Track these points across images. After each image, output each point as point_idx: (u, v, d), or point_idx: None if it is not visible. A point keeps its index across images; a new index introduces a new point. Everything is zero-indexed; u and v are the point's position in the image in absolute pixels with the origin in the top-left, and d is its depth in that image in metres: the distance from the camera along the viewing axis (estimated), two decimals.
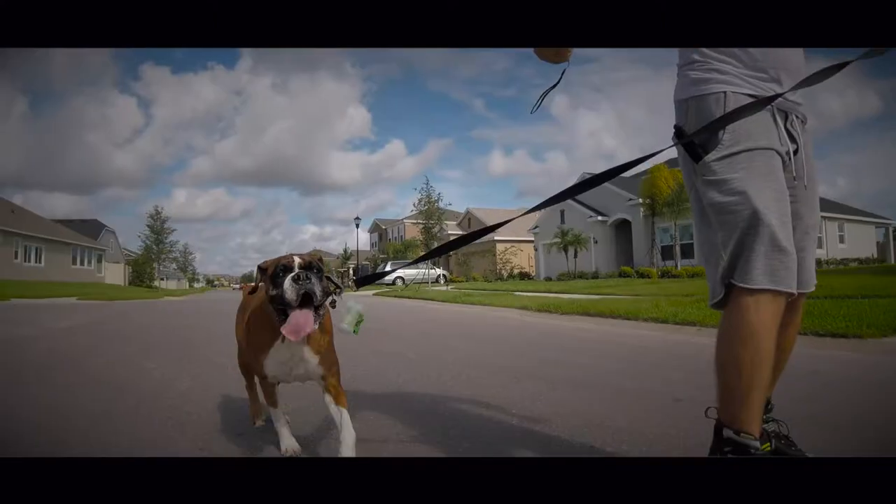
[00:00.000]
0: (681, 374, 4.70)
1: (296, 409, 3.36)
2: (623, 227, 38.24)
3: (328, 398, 2.44)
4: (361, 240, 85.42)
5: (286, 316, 2.15)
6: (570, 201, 40.94)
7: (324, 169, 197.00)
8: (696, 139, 2.01)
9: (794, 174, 2.08)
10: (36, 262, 48.50)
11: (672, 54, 2.25)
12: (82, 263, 56.46)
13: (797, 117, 2.12)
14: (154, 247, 61.56)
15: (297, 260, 2.23)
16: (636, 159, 2.09)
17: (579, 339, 7.51)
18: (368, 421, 3.28)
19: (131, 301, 25.25)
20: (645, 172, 33.44)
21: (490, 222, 54.64)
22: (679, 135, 2.09)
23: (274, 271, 2.23)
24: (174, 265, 67.12)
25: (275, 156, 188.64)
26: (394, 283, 41.43)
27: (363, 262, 63.08)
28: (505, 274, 48.81)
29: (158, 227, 61.94)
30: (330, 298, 2.32)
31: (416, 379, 4.64)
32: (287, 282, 2.13)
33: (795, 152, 2.09)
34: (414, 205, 47.62)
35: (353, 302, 2.36)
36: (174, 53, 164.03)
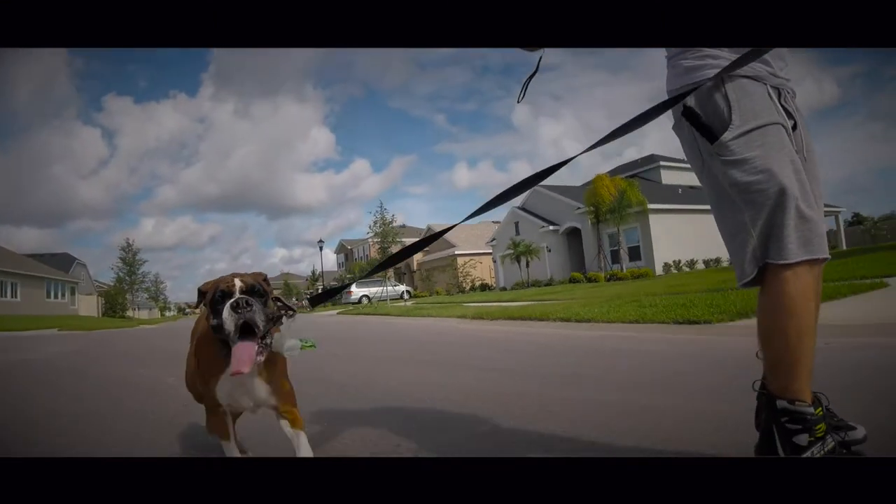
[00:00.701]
0: (544, 357, 6.36)
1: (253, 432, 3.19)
2: (574, 235, 39.87)
3: (284, 423, 2.29)
4: (330, 261, 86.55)
5: (229, 348, 1.99)
6: (522, 213, 43.09)
7: (290, 192, 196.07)
8: (705, 120, 2.05)
9: (796, 148, 2.07)
10: (12, 296, 49.15)
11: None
12: (56, 297, 57.13)
13: (788, 93, 2.15)
14: (127, 278, 62.48)
15: (237, 284, 2.04)
16: (646, 112, 2.05)
17: (485, 339, 9.33)
18: (353, 433, 3.37)
19: (110, 330, 26.31)
20: (588, 182, 35.41)
21: (452, 238, 56.22)
22: (688, 114, 2.09)
23: (213, 297, 2.06)
24: (146, 295, 68.05)
25: (240, 181, 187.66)
26: (359, 301, 43.04)
27: (331, 283, 64.34)
28: (467, 286, 50.26)
29: (131, 259, 62.92)
30: (285, 321, 2.24)
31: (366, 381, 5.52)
32: (226, 311, 1.95)
33: (794, 127, 2.11)
34: (370, 227, 49.36)
35: (289, 341, 2.21)
36: (136, 82, 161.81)
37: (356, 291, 45.25)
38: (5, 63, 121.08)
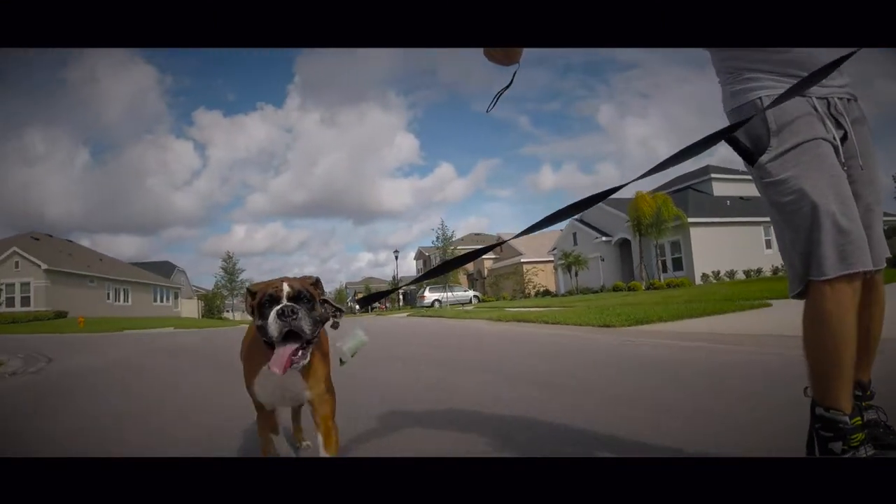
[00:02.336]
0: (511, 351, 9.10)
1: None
2: (625, 246, 42.54)
3: (319, 439, 2.25)
4: (410, 266, 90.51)
5: (272, 349, 1.99)
6: (579, 224, 45.94)
7: (376, 197, 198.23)
8: (745, 145, 2.11)
9: (846, 157, 2.07)
10: (124, 301, 55.75)
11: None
12: (161, 300, 63.66)
13: (840, 99, 2.12)
14: (228, 284, 68.25)
15: (285, 289, 2.01)
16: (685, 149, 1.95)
17: (485, 333, 12.85)
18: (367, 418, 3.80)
19: (217, 329, 29.97)
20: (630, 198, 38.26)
21: (519, 246, 58.95)
22: (729, 140, 2.11)
23: (261, 300, 2.03)
24: (242, 298, 73.44)
25: (328, 188, 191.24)
26: (432, 304, 47.04)
27: (411, 287, 68.68)
28: (531, 292, 52.99)
29: (231, 269, 68.87)
30: (332, 322, 2.22)
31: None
32: (272, 316, 1.95)
33: (844, 137, 2.09)
34: (432, 242, 53.43)
35: (359, 330, 2.30)
36: (225, 96, 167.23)
37: (429, 296, 49.57)
38: (101, 83, 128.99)
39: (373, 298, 2.68)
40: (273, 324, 1.95)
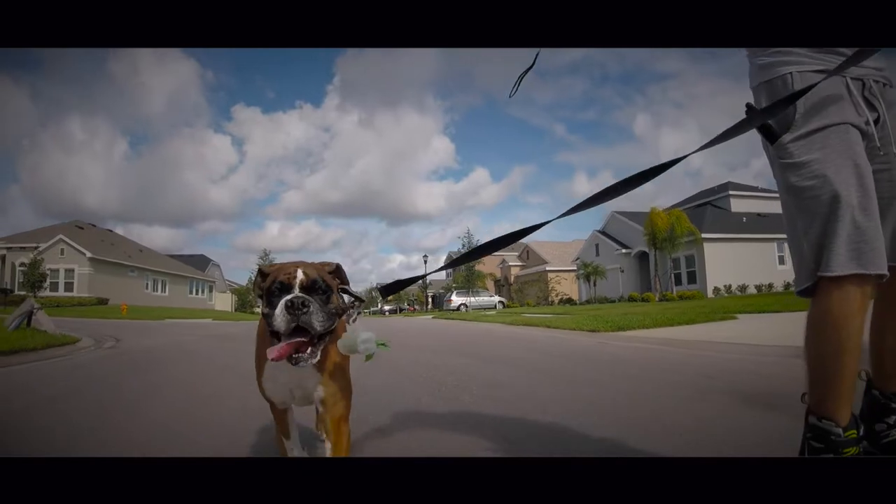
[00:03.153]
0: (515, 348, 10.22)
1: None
2: (644, 258, 43.75)
3: (328, 445, 2.05)
4: (440, 272, 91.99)
5: (278, 339, 1.79)
6: (602, 236, 47.40)
7: (410, 199, 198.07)
8: (769, 120, 1.97)
9: (879, 143, 1.94)
10: (161, 291, 57.94)
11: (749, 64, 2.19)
12: (197, 293, 65.78)
13: (876, 82, 1.99)
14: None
15: (298, 277, 1.82)
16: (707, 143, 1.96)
17: (492, 333, 14.44)
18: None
19: (253, 322, 30.83)
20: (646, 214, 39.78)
21: (545, 255, 60.58)
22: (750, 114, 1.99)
23: (270, 286, 1.85)
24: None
25: (363, 188, 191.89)
26: (458, 308, 48.34)
27: (440, 290, 70.16)
28: (554, 300, 54.29)
29: (267, 265, 70.76)
30: (354, 314, 2.02)
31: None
32: (280, 307, 1.76)
33: (878, 120, 1.96)
34: (459, 249, 54.73)
35: (362, 334, 1.92)
36: (264, 94, 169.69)
37: (455, 300, 50.61)
38: (141, 75, 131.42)
39: (395, 287, 2.37)
40: (280, 316, 1.76)
